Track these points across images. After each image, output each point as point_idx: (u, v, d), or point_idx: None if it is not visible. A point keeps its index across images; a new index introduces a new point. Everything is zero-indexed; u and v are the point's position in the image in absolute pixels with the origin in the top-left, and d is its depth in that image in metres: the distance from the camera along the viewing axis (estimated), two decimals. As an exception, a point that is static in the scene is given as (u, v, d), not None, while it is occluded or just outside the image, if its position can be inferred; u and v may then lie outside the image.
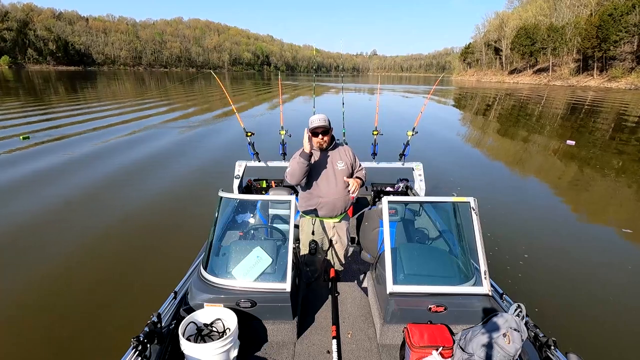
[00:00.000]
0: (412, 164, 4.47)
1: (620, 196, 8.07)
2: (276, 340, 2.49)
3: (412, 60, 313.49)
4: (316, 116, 2.85)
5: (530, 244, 5.42)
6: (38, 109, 19.04)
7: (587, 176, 9.47)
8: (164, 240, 5.39)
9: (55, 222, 5.94)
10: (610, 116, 21.97)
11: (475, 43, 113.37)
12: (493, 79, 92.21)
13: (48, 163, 9.21)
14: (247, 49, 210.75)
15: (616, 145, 13.30)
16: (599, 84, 59.57)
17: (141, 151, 10.74)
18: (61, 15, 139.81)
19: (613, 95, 40.52)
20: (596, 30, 58.38)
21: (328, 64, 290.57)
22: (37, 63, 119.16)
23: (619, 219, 6.79)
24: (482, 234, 2.43)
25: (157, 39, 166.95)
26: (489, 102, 32.59)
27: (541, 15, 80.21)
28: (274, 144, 5.18)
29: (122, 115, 17.70)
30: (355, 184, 2.86)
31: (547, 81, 72.19)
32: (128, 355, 1.80)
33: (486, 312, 2.28)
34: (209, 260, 2.50)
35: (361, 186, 2.99)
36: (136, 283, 4.32)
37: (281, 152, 4.56)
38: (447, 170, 9.33)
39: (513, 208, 6.97)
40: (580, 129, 16.84)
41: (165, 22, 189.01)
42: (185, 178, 8.42)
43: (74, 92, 31.32)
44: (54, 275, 4.47)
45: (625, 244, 5.68)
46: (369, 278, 3.01)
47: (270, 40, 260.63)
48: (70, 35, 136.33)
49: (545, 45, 72.97)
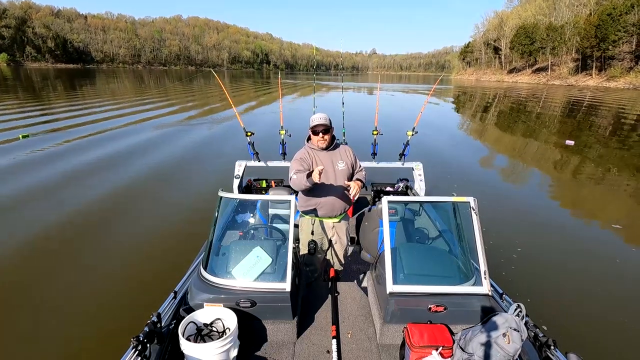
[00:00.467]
0: (412, 164, 4.47)
1: (620, 195, 8.10)
2: (276, 340, 2.49)
3: (412, 59, 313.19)
4: (317, 115, 2.87)
5: (530, 244, 5.42)
6: (37, 107, 18.99)
7: (587, 175, 9.49)
8: (163, 240, 5.38)
9: (54, 220, 5.92)
10: (609, 115, 22.02)
11: (475, 42, 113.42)
12: (492, 78, 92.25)
13: (48, 162, 9.20)
14: (246, 48, 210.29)
15: (615, 144, 13.35)
16: (597, 83, 59.65)
17: (141, 151, 10.73)
18: (60, 13, 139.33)
19: (612, 94, 40.59)
20: (595, 29, 58.43)
21: (327, 63, 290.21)
22: (36, 61, 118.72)
23: (618, 219, 6.80)
24: (481, 233, 2.43)
25: (156, 37, 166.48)
26: (489, 101, 32.62)
27: (540, 14, 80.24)
28: (274, 144, 5.18)
29: (123, 117, 17.59)
30: (356, 187, 2.81)
31: (546, 80, 72.23)
32: (128, 355, 1.79)
33: (486, 312, 2.28)
34: (208, 260, 2.50)
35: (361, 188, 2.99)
36: (136, 283, 4.32)
37: (281, 152, 4.56)
38: (447, 170, 9.35)
39: (512, 207, 6.98)
40: (578, 129, 16.88)
41: (165, 20, 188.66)
42: (185, 178, 8.41)
43: (73, 90, 31.26)
44: (54, 274, 4.46)
45: (627, 244, 5.70)
46: (369, 278, 3.01)
47: (269, 38, 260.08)
48: (69, 33, 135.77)
49: (544, 44, 73.03)
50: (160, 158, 9.97)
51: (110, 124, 15.08)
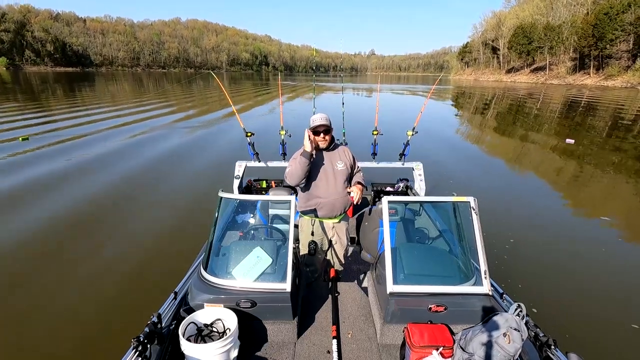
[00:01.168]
0: (412, 164, 4.47)
1: (622, 194, 8.10)
2: (276, 340, 2.49)
3: (411, 60, 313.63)
4: (317, 115, 2.87)
5: (530, 243, 5.42)
6: (37, 111, 18.99)
7: (588, 174, 9.50)
8: (163, 240, 5.38)
9: (54, 221, 5.92)
10: (607, 114, 22.05)
11: (473, 42, 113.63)
12: (491, 78, 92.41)
13: (48, 166, 9.20)
14: (245, 50, 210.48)
15: (613, 143, 13.36)
16: (595, 82, 59.74)
17: (140, 151, 10.72)
18: (59, 17, 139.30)
19: (609, 93, 40.66)
20: (592, 29, 58.64)
21: (326, 64, 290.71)
22: (35, 64, 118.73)
23: (620, 218, 6.79)
24: (482, 233, 2.43)
25: (155, 39, 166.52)
26: (487, 101, 32.64)
27: (538, 14, 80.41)
28: (274, 144, 5.18)
29: (122, 117, 17.66)
30: (358, 192, 2.86)
31: (544, 80, 72.36)
32: (128, 356, 1.79)
33: (486, 311, 2.28)
34: (209, 261, 2.50)
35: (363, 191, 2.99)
36: (136, 283, 4.31)
37: (281, 152, 4.56)
38: (447, 170, 9.35)
39: (512, 207, 6.98)
40: (577, 127, 16.90)
41: (163, 23, 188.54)
42: (185, 178, 8.40)
43: (72, 93, 31.27)
44: (53, 274, 4.45)
45: (628, 244, 5.70)
46: (369, 278, 3.01)
47: (268, 40, 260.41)
48: (68, 37, 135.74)
49: (542, 44, 73.19)
50: (159, 158, 9.97)
51: (106, 124, 15.14)
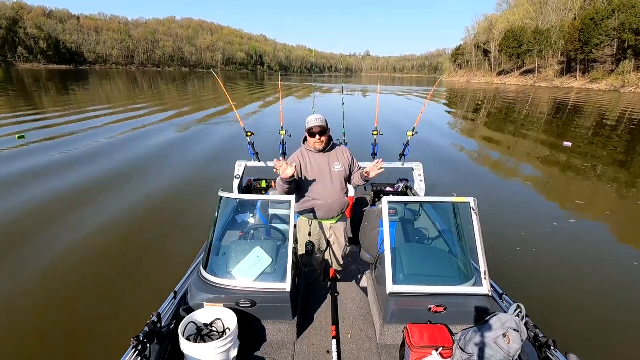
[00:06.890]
0: (412, 164, 4.46)
1: (622, 194, 8.20)
2: (276, 340, 2.49)
3: (405, 61, 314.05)
4: (313, 116, 2.82)
5: (530, 244, 5.45)
6: (31, 109, 18.79)
7: (586, 175, 9.57)
8: (163, 240, 5.35)
9: (53, 220, 5.86)
10: (592, 116, 22.50)
11: (466, 45, 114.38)
12: (482, 80, 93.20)
13: (43, 161, 9.12)
14: (240, 49, 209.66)
15: (614, 143, 13.60)
16: (581, 85, 61.20)
17: (139, 151, 10.65)
18: (52, 14, 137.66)
19: (594, 96, 41.41)
20: (579, 33, 60.03)
21: (322, 64, 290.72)
22: (28, 62, 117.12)
23: (620, 218, 6.83)
24: (481, 234, 2.44)
25: (149, 38, 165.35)
26: (479, 103, 32.89)
27: (528, 18, 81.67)
28: (274, 144, 5.16)
29: (116, 114, 17.53)
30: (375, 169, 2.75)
31: (533, 82, 73.55)
32: (128, 355, 1.79)
33: (486, 312, 2.29)
34: (208, 260, 2.49)
35: (366, 182, 2.96)
36: (136, 283, 4.28)
37: (281, 152, 4.54)
38: (447, 169, 9.41)
39: (512, 207, 7.02)
40: (570, 129, 17.07)
41: (158, 22, 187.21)
42: (185, 178, 8.35)
43: (66, 92, 30.95)
44: (53, 274, 4.41)
45: (628, 245, 5.76)
46: (369, 278, 3.01)
47: (263, 40, 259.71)
48: (62, 34, 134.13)
49: (532, 47, 74.29)
50: (159, 158, 9.91)
51: (102, 121, 15.00)
